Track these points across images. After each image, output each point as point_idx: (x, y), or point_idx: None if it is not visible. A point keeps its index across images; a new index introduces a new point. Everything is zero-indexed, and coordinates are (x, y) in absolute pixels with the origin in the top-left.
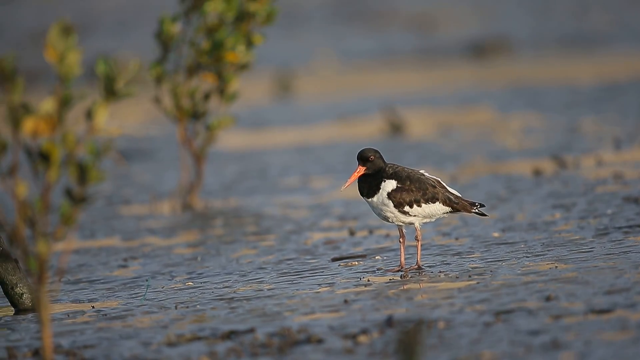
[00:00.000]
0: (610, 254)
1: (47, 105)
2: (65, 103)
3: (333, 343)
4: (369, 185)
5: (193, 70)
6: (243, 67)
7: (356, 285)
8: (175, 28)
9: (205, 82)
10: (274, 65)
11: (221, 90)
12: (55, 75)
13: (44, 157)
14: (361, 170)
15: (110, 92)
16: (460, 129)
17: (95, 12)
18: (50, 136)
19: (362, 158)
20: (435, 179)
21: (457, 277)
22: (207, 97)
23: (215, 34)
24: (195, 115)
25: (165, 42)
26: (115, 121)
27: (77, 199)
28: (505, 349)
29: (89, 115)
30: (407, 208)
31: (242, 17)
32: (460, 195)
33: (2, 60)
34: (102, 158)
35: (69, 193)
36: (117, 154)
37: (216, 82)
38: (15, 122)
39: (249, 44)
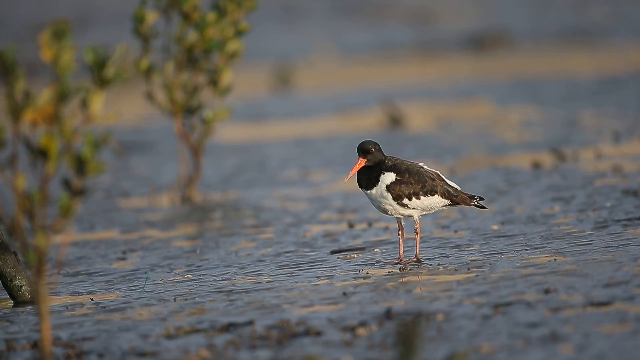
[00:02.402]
0: (609, 247)
1: (44, 97)
2: (62, 98)
3: (332, 335)
4: (368, 178)
5: (183, 63)
6: (233, 56)
7: (355, 278)
8: (151, 17)
9: (198, 75)
10: (274, 58)
11: (214, 82)
12: (52, 72)
13: (42, 151)
14: (362, 162)
15: (102, 79)
16: (460, 122)
17: (95, 5)
18: (48, 128)
19: (363, 150)
20: (434, 172)
21: (456, 270)
22: (196, 89)
23: (193, 15)
24: (190, 108)
25: (144, 35)
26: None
27: (75, 191)
28: (504, 341)
29: (84, 104)
30: (405, 201)
31: (226, 6)
32: (459, 188)
33: (2, 53)
34: (101, 148)
35: (67, 184)
36: (118, 144)
37: (206, 68)
38: (16, 114)
39: (237, 33)
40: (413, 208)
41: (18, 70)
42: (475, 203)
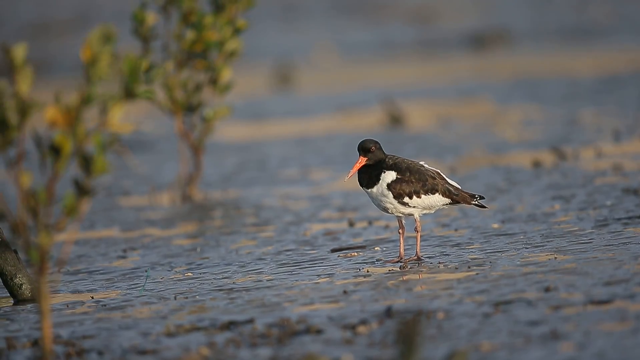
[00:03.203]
0: (609, 245)
1: (70, 99)
2: (86, 102)
3: (332, 333)
4: (368, 176)
5: (182, 62)
6: (232, 54)
7: (355, 276)
8: (151, 18)
9: (198, 73)
10: (274, 57)
11: (214, 81)
12: (83, 74)
13: (54, 150)
14: (362, 161)
15: (131, 92)
16: (460, 120)
17: (95, 3)
18: (65, 130)
19: (363, 149)
20: (435, 171)
21: (456, 268)
22: (198, 87)
23: (191, 16)
24: (190, 107)
25: (144, 36)
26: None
27: (83, 190)
28: (505, 339)
29: (104, 110)
30: (406, 199)
31: (224, 3)
32: (459, 187)
33: (12, 51)
34: (108, 150)
35: (76, 184)
36: (123, 146)
37: (205, 67)
38: (23, 112)
39: (235, 31)
40: (414, 207)
41: (27, 69)
42: (476, 202)
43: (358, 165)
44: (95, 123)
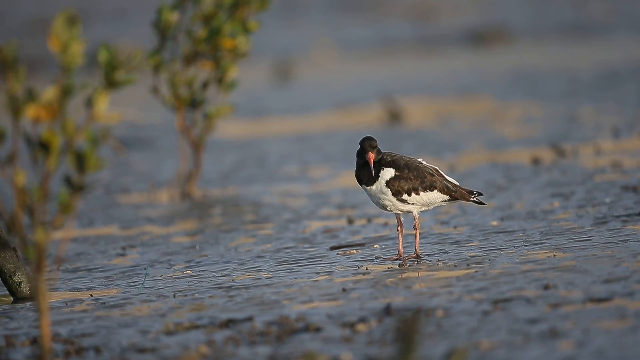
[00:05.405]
0: (608, 243)
1: (49, 93)
2: (66, 93)
3: (331, 331)
4: (369, 174)
5: (190, 59)
6: (242, 55)
7: (354, 274)
8: (174, 17)
9: (203, 70)
10: (273, 54)
11: (219, 79)
12: (58, 65)
13: (44, 146)
14: (371, 156)
15: (111, 80)
16: (459, 117)
17: (96, 0)
18: (50, 124)
19: (371, 145)
20: (433, 167)
21: (455, 266)
22: (205, 85)
23: (211, 21)
24: (194, 104)
25: (162, 31)
26: (115, 109)
27: (75, 187)
28: (504, 337)
29: (89, 103)
30: (405, 196)
31: (237, 3)
32: (458, 184)
33: (3, 49)
34: (101, 145)
35: (68, 181)
36: (117, 142)
37: (214, 69)
38: (15, 110)
39: (245, 30)
40: (412, 204)
41: (18, 66)
42: (474, 198)
43: (372, 158)
44: (83, 117)
